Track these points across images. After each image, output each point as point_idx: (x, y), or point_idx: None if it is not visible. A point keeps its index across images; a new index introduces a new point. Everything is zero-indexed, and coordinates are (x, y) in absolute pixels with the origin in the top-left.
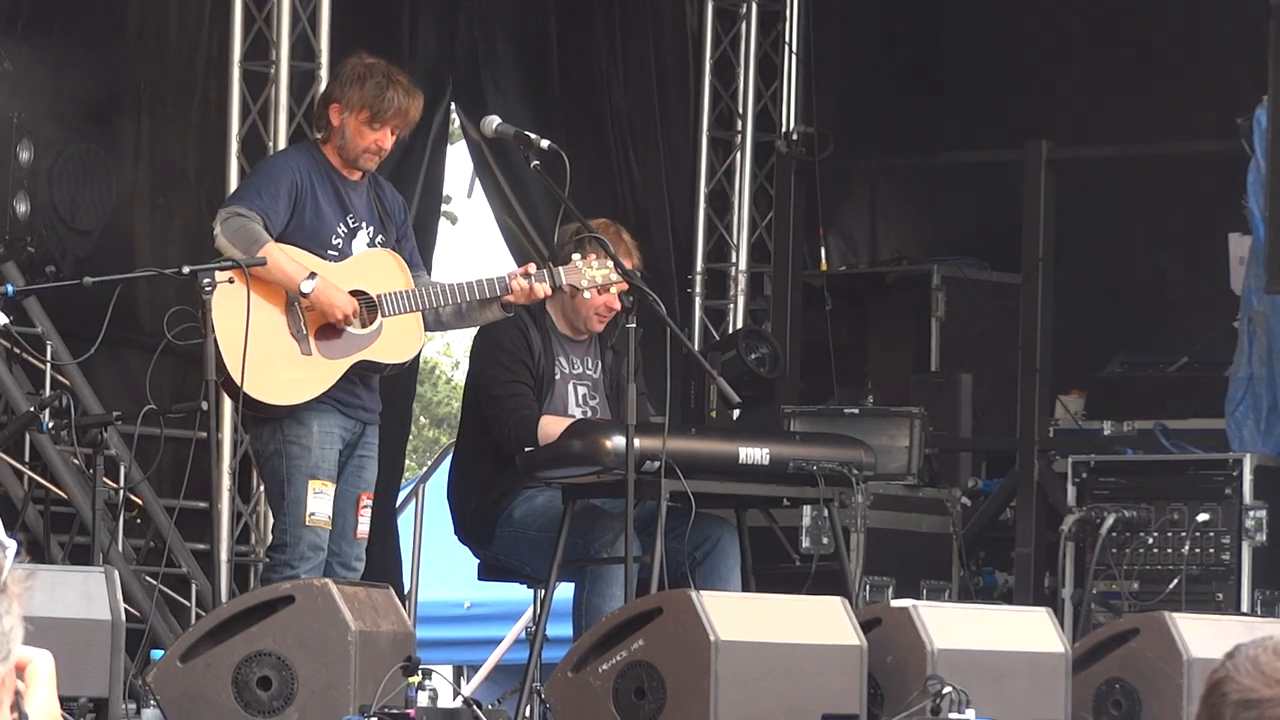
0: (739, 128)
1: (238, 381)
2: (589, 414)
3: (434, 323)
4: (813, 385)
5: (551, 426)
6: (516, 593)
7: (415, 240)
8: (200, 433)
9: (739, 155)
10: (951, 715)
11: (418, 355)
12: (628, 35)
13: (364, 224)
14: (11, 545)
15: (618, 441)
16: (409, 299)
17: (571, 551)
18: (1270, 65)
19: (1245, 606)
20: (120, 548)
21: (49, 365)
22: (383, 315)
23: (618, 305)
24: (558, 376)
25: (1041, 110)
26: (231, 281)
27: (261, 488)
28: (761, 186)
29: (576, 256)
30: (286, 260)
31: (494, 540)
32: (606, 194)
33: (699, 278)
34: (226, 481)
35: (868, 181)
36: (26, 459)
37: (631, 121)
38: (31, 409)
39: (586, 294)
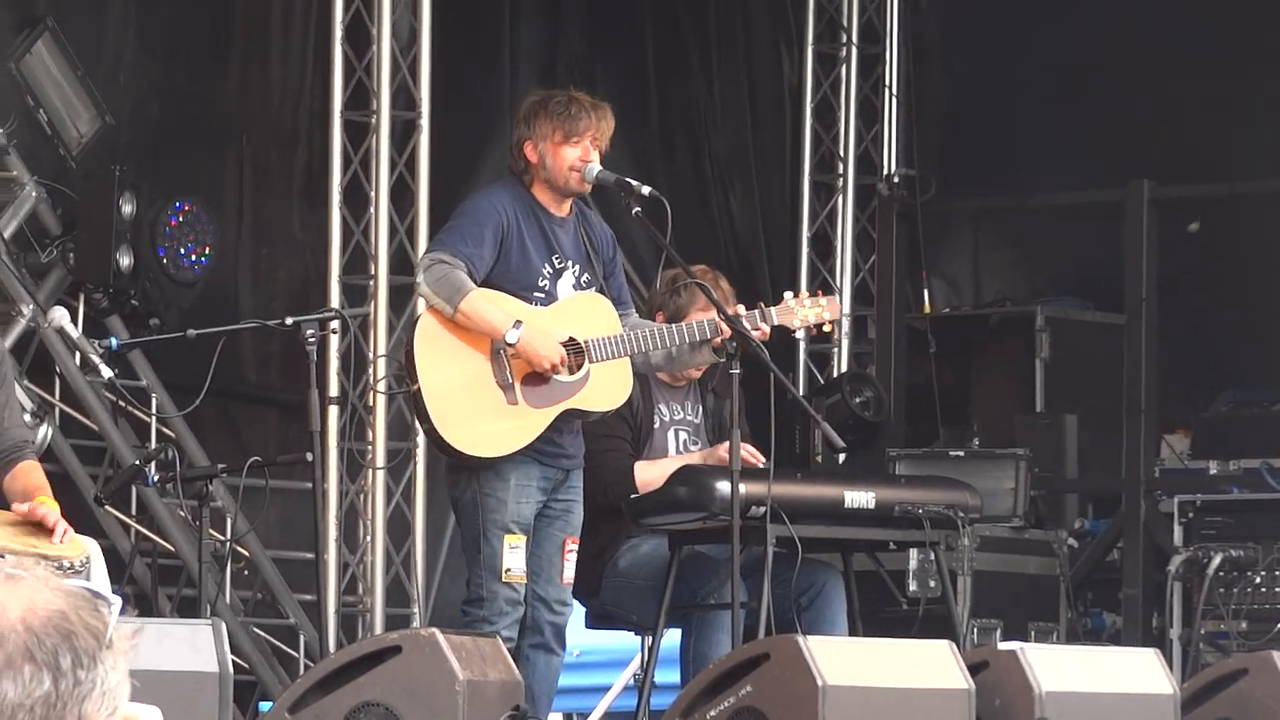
0: (840, 171)
1: (443, 435)
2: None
3: (643, 366)
4: (917, 428)
5: (647, 472)
6: (624, 640)
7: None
8: (305, 483)
9: (841, 198)
10: None
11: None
12: (724, 79)
13: (570, 263)
14: (116, 601)
15: (723, 487)
16: (618, 345)
17: (678, 598)
18: None
19: None
20: (228, 599)
21: (154, 418)
22: (590, 361)
23: (718, 358)
24: (657, 425)
25: (1143, 149)
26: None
27: (368, 537)
28: (864, 229)
29: (789, 295)
30: (492, 310)
31: (600, 590)
32: (706, 236)
33: (796, 331)
34: (333, 532)
35: (970, 223)
36: (133, 511)
37: (729, 164)
38: (136, 462)
39: (799, 334)
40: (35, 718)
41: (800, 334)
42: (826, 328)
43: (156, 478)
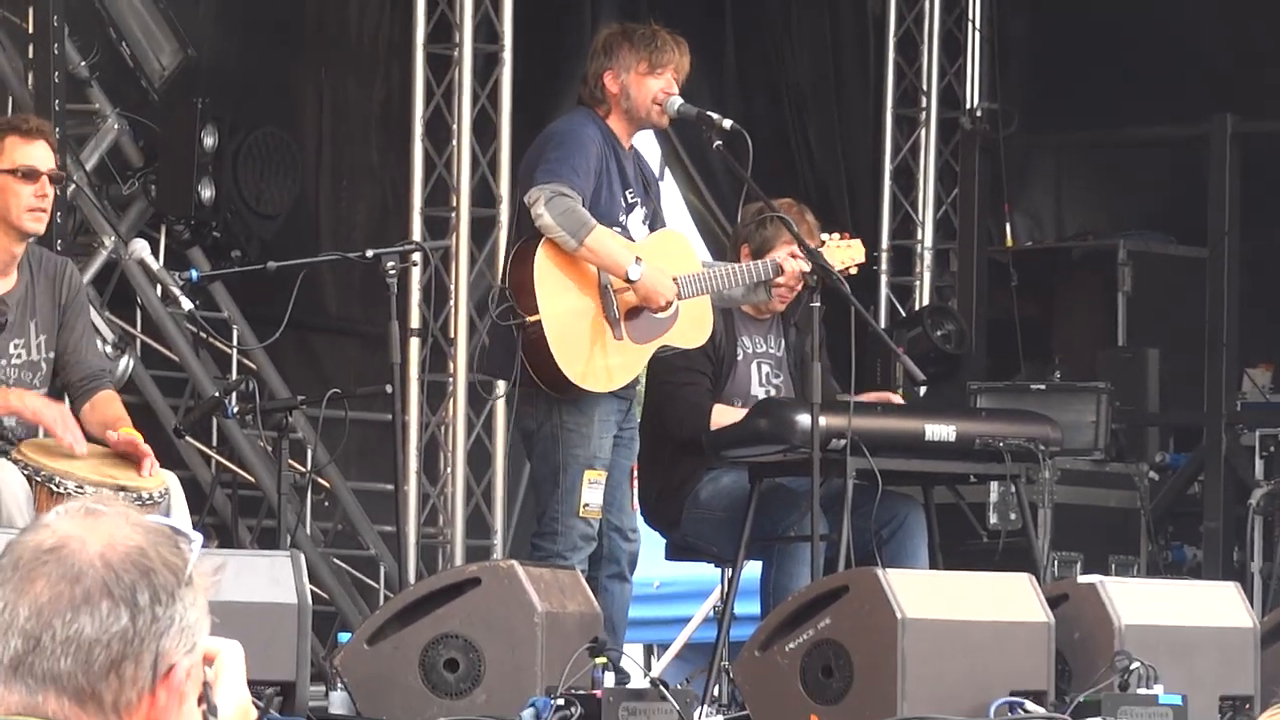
0: (923, 104)
1: (562, 368)
2: (772, 392)
3: (718, 300)
4: (998, 361)
5: (723, 417)
6: (704, 571)
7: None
8: (385, 415)
9: (923, 132)
10: (1140, 691)
11: None
12: (802, 12)
13: (638, 198)
14: (197, 538)
15: (804, 420)
16: (703, 281)
17: (758, 530)
18: None
19: None
20: (308, 530)
21: (235, 350)
22: (680, 298)
23: (800, 286)
24: (740, 356)
25: (1227, 83)
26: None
27: (449, 469)
28: (946, 163)
29: (827, 236)
30: (616, 246)
31: (681, 522)
32: (785, 169)
33: (884, 254)
34: (414, 464)
35: (1052, 157)
36: (214, 443)
37: (807, 97)
38: (217, 394)
39: (884, 255)
40: (112, 654)
41: (883, 256)
42: (853, 271)
43: (237, 409)
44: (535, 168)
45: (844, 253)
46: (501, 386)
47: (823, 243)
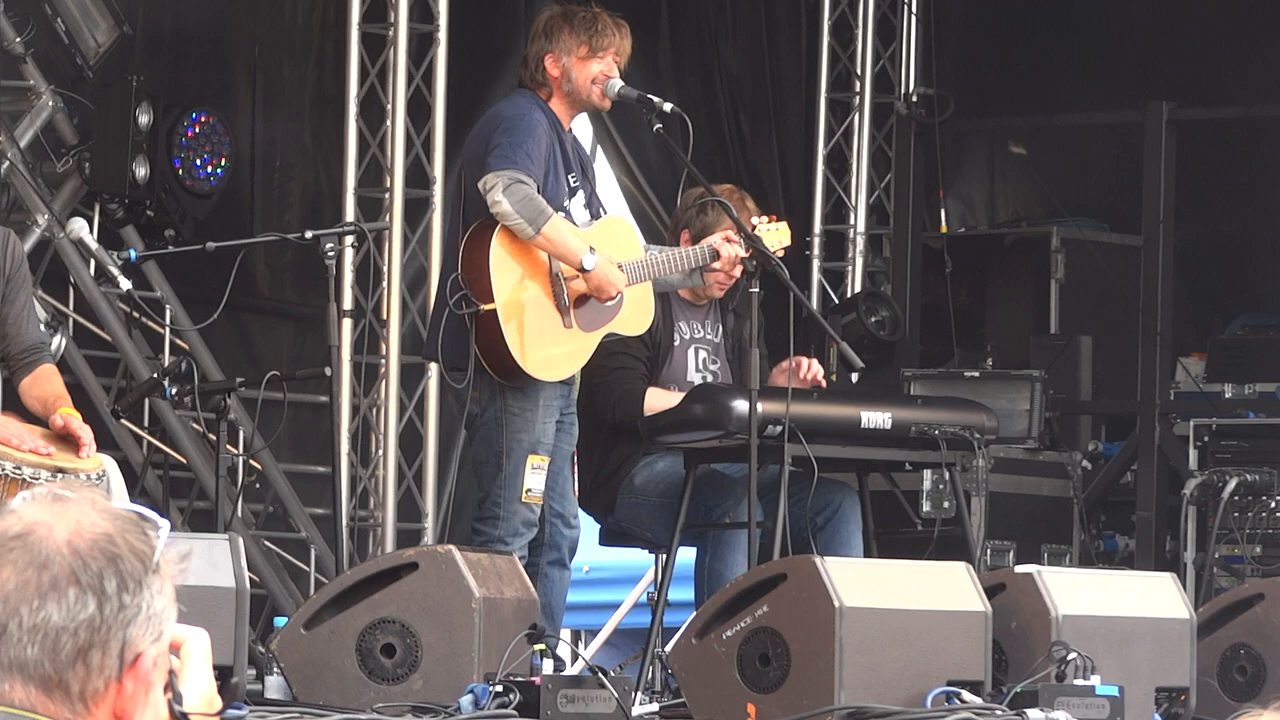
0: (857, 89)
1: (515, 357)
2: (709, 378)
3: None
4: (932, 348)
5: (658, 400)
6: (635, 556)
7: None
8: (320, 397)
9: (857, 117)
10: (1076, 681)
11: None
12: None
13: (578, 182)
14: (165, 525)
15: (741, 406)
16: (646, 268)
17: (693, 517)
18: None
19: None
20: (239, 513)
21: (168, 330)
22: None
23: (738, 272)
24: (677, 342)
25: (1162, 71)
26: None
27: (380, 451)
28: (880, 148)
29: (757, 220)
30: (570, 235)
31: (615, 507)
32: (718, 154)
33: (817, 240)
34: (345, 446)
35: (987, 143)
36: (146, 424)
37: (741, 82)
38: (155, 375)
39: (816, 241)
40: (79, 642)
41: (816, 242)
42: (780, 253)
43: (175, 391)
44: (487, 153)
45: (771, 235)
46: (434, 369)
47: (754, 226)
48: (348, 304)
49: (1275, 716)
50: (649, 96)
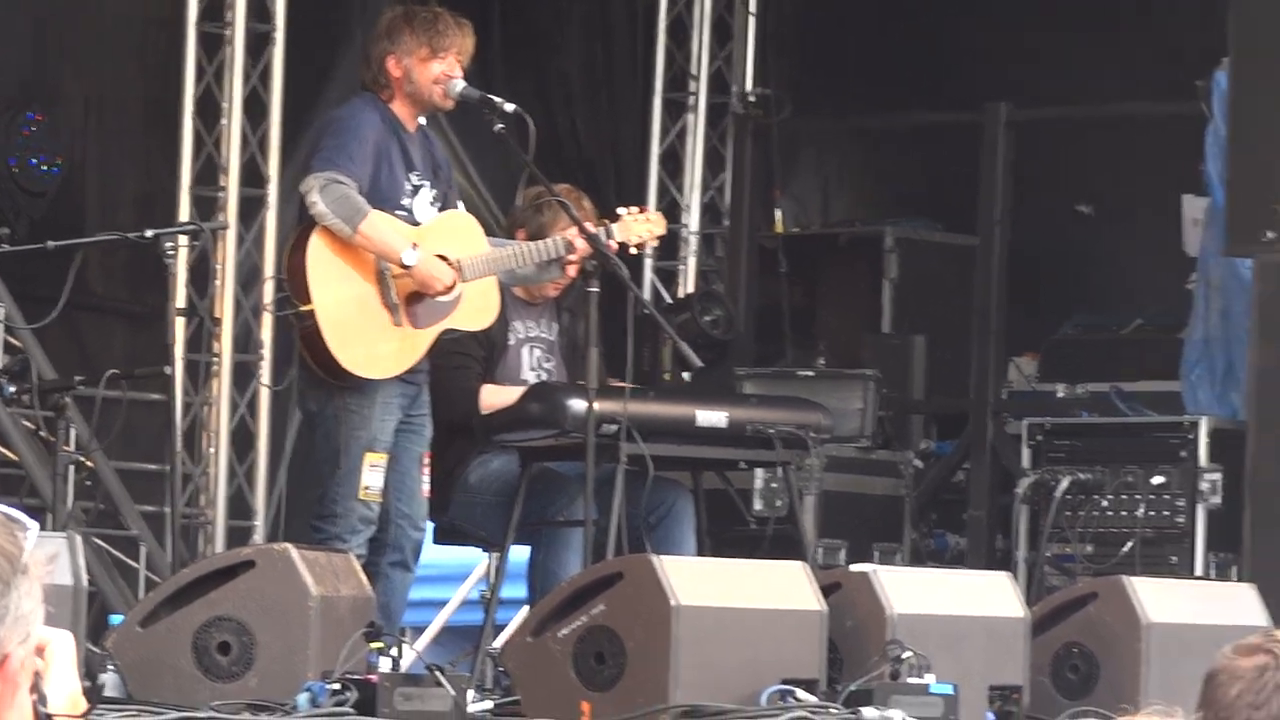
0: (692, 89)
1: (336, 356)
2: (543, 376)
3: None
4: (766, 347)
5: (493, 398)
6: (463, 554)
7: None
8: (151, 395)
9: (692, 116)
10: (911, 680)
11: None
12: None
13: (425, 180)
14: (33, 526)
15: (577, 404)
16: (490, 263)
17: (528, 515)
18: (1230, 28)
19: (1200, 570)
20: (69, 510)
21: (2, 329)
22: (462, 280)
23: (574, 272)
24: (511, 341)
25: (998, 72)
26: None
27: (212, 449)
28: (714, 148)
29: (623, 211)
30: (390, 231)
31: (450, 505)
32: (552, 155)
33: (630, 248)
34: (177, 444)
35: (822, 143)
36: None
37: (575, 81)
38: None
39: (634, 250)
40: None
41: (634, 251)
42: (653, 243)
43: (14, 389)
44: (312, 156)
45: (642, 226)
46: (265, 367)
47: (604, 222)
48: (180, 302)
49: None
50: (490, 97)
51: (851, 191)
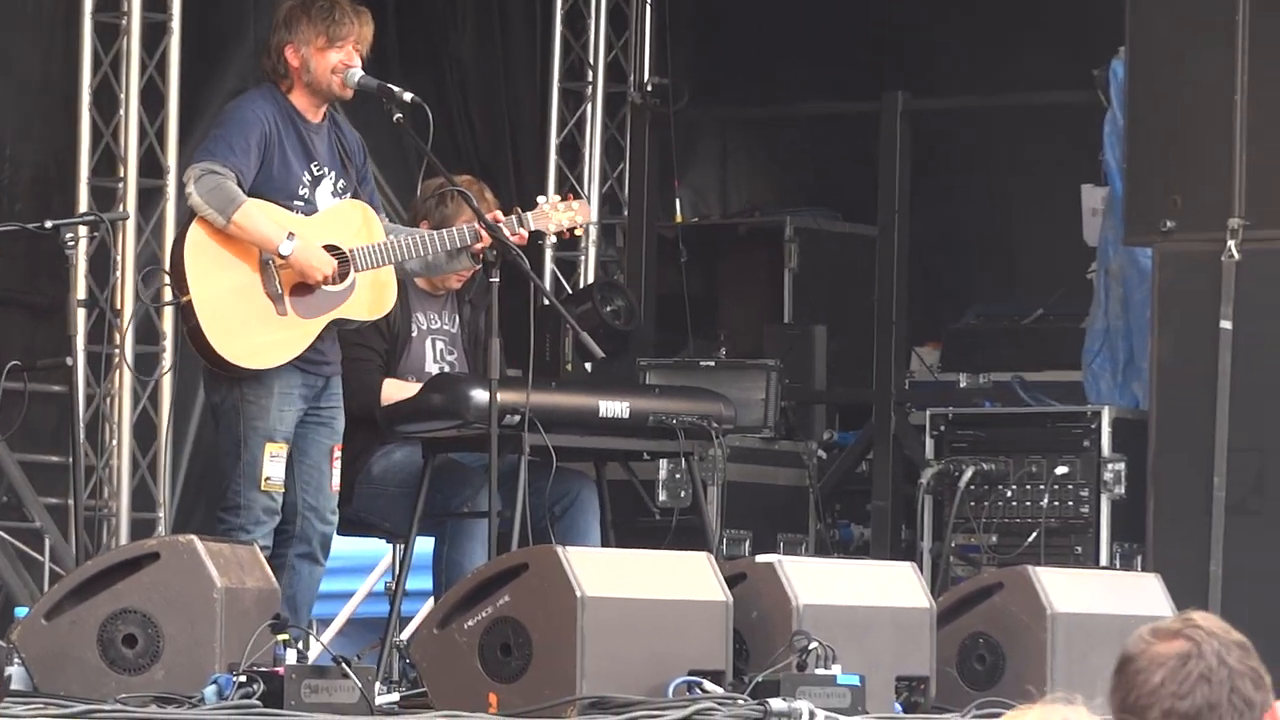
0: (590, 79)
1: (215, 347)
2: (446, 368)
3: (401, 273)
4: (667, 338)
5: (394, 391)
6: (368, 546)
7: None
8: (53, 387)
9: (590, 106)
10: (818, 671)
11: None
12: None
13: (327, 170)
14: None
15: (479, 395)
16: (381, 253)
17: (432, 506)
18: (1127, 16)
19: (1104, 560)
20: None
21: None
22: (355, 270)
23: (476, 265)
24: (414, 333)
25: (896, 61)
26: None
27: (114, 440)
28: (613, 138)
29: (543, 199)
30: (265, 221)
31: (354, 497)
32: (449, 145)
33: (549, 236)
34: (80, 436)
35: (721, 133)
36: None
37: (471, 71)
38: None
39: (553, 238)
40: None
41: (552, 239)
42: (578, 231)
43: None
44: (195, 148)
45: (564, 214)
46: (167, 359)
47: (516, 210)
48: (82, 294)
49: (1043, 711)
50: (389, 86)
51: (751, 181)
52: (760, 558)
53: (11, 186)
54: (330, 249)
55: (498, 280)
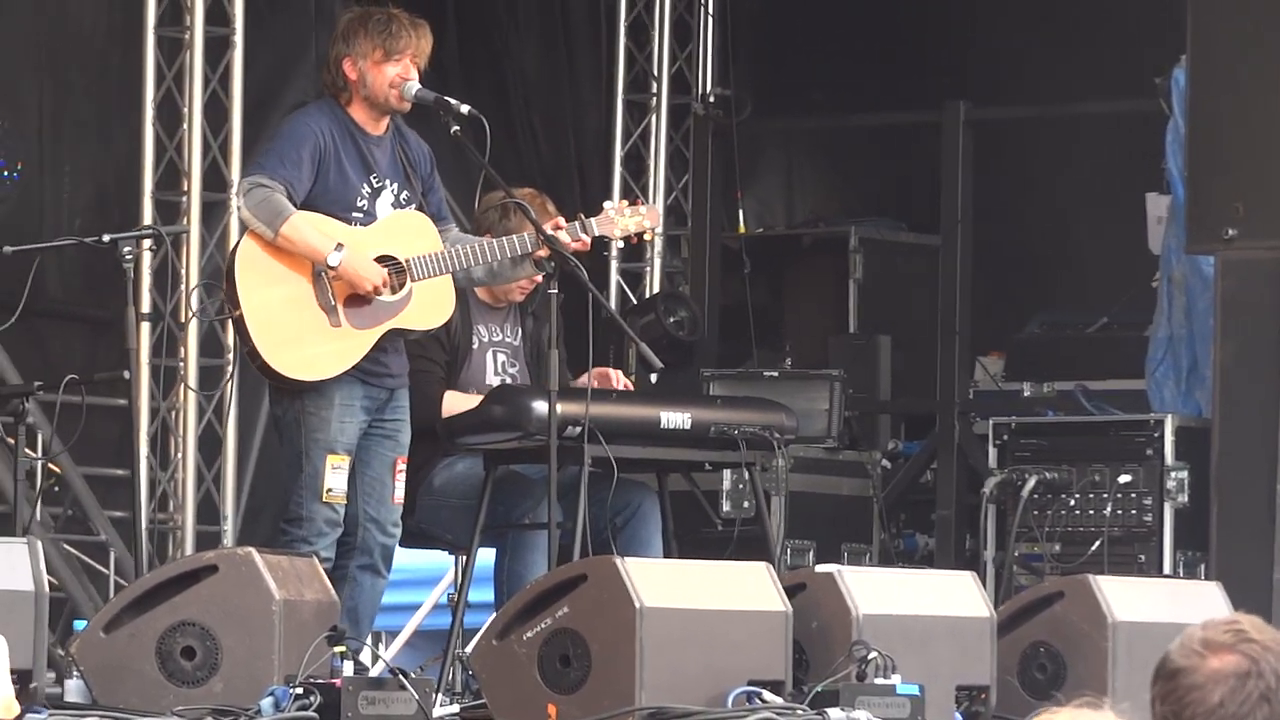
0: (654, 90)
1: (267, 359)
2: (507, 381)
3: (465, 282)
4: (731, 348)
5: (455, 403)
6: (434, 558)
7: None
8: (118, 400)
9: (654, 118)
10: (877, 681)
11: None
12: None
13: (388, 181)
14: None
15: (540, 407)
16: (439, 262)
17: (493, 518)
18: (1188, 23)
19: (1167, 568)
20: (38, 516)
21: None
22: (412, 280)
23: (538, 278)
24: (475, 345)
25: (959, 70)
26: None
27: (179, 454)
28: (677, 149)
29: (608, 204)
30: (312, 233)
31: (415, 509)
32: (512, 157)
33: (614, 241)
34: (144, 449)
35: (785, 143)
36: None
37: (534, 83)
38: None
39: (619, 243)
40: None
41: (617, 248)
42: (647, 236)
43: None
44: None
45: (630, 219)
46: (230, 372)
47: (579, 217)
48: (146, 307)
49: (1072, 714)
50: (446, 99)
51: (815, 192)
52: (820, 567)
53: (72, 201)
54: (386, 259)
55: (556, 291)
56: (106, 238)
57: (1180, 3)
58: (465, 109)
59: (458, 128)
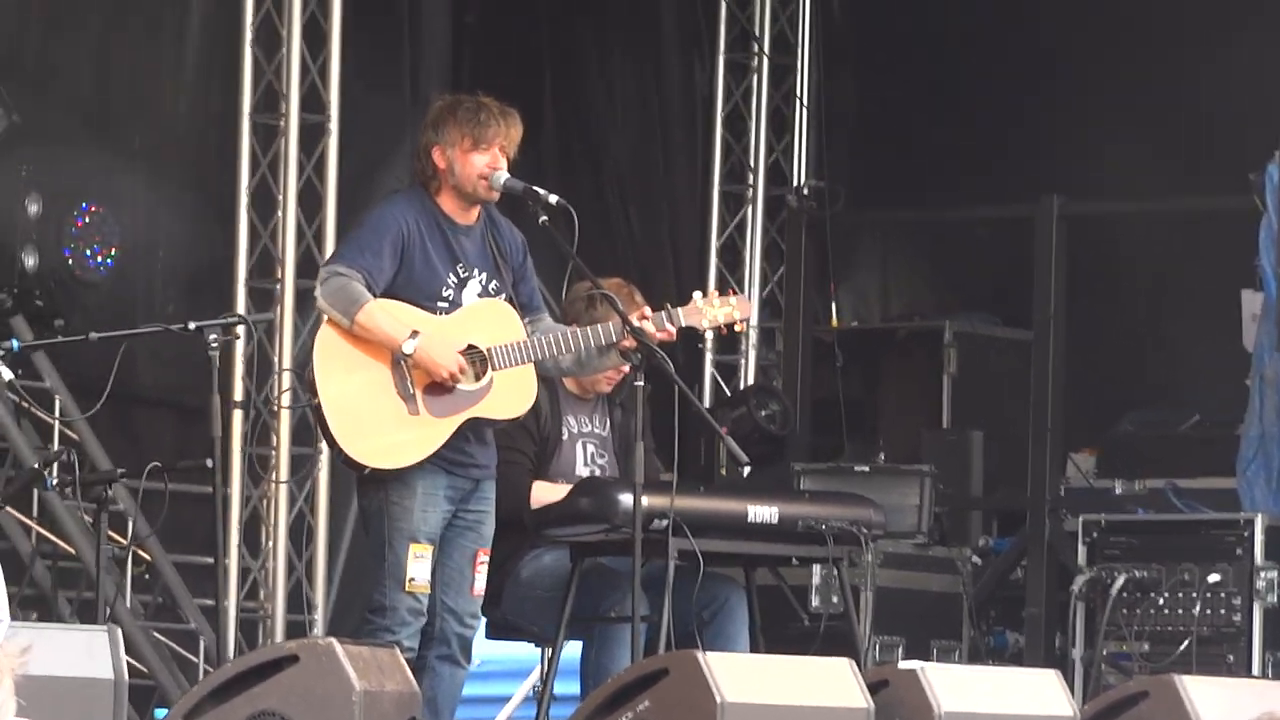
0: (750, 181)
1: (343, 446)
2: (597, 472)
3: (555, 372)
4: (823, 442)
5: (543, 494)
6: (524, 651)
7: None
8: (206, 488)
9: (750, 209)
10: None
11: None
12: (627, 85)
13: (475, 270)
14: (4, 620)
15: (626, 499)
16: (521, 351)
17: (579, 610)
18: None
19: (1256, 669)
20: (128, 603)
21: (57, 420)
22: (493, 369)
23: (626, 368)
24: (565, 436)
25: (1054, 164)
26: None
27: (270, 543)
28: (773, 241)
29: (698, 295)
30: (388, 320)
31: (502, 601)
32: (606, 248)
33: (709, 333)
34: (235, 537)
35: (879, 236)
36: (34, 514)
37: (629, 173)
38: (36, 465)
39: (709, 334)
40: None
41: (709, 334)
42: (739, 327)
43: (56, 481)
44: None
45: (720, 310)
46: (324, 460)
47: (665, 306)
48: (238, 394)
49: None
50: (535, 189)
51: (909, 285)
52: (903, 664)
53: (165, 288)
54: (469, 348)
55: (644, 384)
56: (192, 325)
57: (1275, 98)
58: (554, 199)
59: (546, 218)
